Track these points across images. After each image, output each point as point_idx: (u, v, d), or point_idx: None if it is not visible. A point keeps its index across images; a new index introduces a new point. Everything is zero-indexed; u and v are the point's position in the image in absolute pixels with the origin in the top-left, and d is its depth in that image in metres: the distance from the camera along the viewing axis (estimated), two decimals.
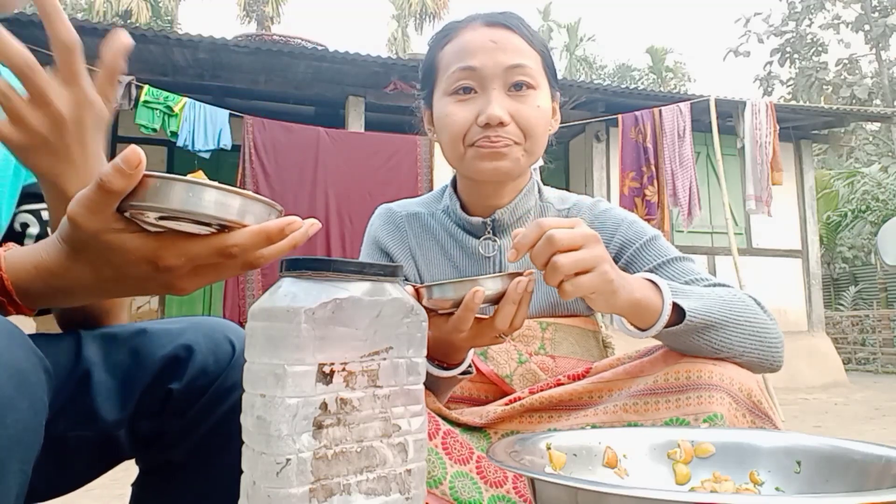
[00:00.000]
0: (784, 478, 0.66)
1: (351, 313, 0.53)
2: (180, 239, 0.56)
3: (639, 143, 5.98)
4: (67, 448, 0.72)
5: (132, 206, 0.54)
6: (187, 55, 6.16)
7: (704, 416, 0.78)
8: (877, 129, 18.00)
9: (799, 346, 7.72)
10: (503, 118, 0.96)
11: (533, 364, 1.02)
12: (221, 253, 0.56)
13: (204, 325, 0.80)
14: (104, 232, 0.54)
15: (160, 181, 0.53)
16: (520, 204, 1.08)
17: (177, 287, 0.58)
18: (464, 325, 0.79)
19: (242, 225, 0.56)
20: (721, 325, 0.84)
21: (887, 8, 17.84)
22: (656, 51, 29.02)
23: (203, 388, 0.75)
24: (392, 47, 26.07)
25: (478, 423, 0.92)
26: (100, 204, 0.53)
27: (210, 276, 0.59)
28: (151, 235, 0.56)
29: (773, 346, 0.88)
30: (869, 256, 13.92)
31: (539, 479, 0.57)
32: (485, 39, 0.99)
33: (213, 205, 0.53)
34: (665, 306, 0.81)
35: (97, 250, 0.56)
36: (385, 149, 5.73)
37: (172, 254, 0.55)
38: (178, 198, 0.53)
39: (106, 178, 0.51)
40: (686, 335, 0.83)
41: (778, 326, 0.90)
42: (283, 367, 0.50)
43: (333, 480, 0.51)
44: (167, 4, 21.15)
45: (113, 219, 0.54)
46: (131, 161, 0.51)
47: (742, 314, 0.87)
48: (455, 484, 0.82)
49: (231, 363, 0.77)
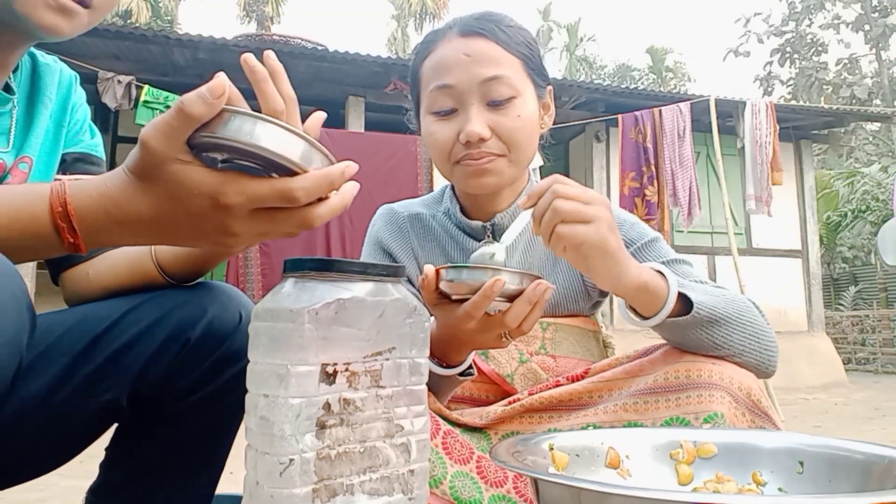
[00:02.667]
0: (787, 478, 0.66)
1: (354, 314, 0.53)
2: (243, 177, 0.55)
3: (639, 143, 5.98)
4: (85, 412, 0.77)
5: (203, 136, 0.53)
6: (187, 55, 6.16)
7: (705, 416, 0.78)
8: (877, 129, 18.01)
9: (799, 346, 7.72)
10: (483, 134, 0.95)
11: (534, 364, 1.02)
12: (284, 196, 0.55)
13: (215, 291, 0.83)
14: (172, 161, 0.54)
15: (234, 115, 0.52)
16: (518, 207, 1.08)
17: (230, 230, 0.57)
18: (477, 312, 0.78)
19: (306, 171, 0.55)
20: (724, 322, 0.85)
21: (887, 8, 17.85)
22: (656, 51, 29.03)
23: (211, 349, 0.79)
24: (392, 47, 26.08)
25: (478, 423, 0.92)
26: (175, 129, 0.53)
27: (265, 225, 0.57)
28: (215, 171, 0.55)
29: (770, 349, 0.89)
30: (869, 256, 13.93)
31: (542, 479, 0.57)
32: (458, 54, 0.98)
33: (281, 145, 0.52)
34: (671, 294, 0.82)
35: (162, 180, 0.55)
36: (385, 149, 5.73)
37: (234, 190, 0.54)
38: (246, 133, 0.52)
39: (187, 102, 0.52)
40: (690, 328, 0.84)
41: (774, 333, 0.91)
42: (286, 368, 0.50)
43: (336, 481, 0.51)
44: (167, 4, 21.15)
45: (182, 149, 0.54)
46: (215, 90, 0.52)
47: (744, 314, 0.88)
48: (455, 483, 0.82)
49: (238, 328, 0.81)
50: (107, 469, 0.88)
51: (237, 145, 0.52)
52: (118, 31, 5.91)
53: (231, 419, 0.86)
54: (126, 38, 5.89)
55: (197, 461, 0.87)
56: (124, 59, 6.05)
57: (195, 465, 0.87)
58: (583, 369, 0.95)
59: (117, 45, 5.95)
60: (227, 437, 0.88)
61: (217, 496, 1.02)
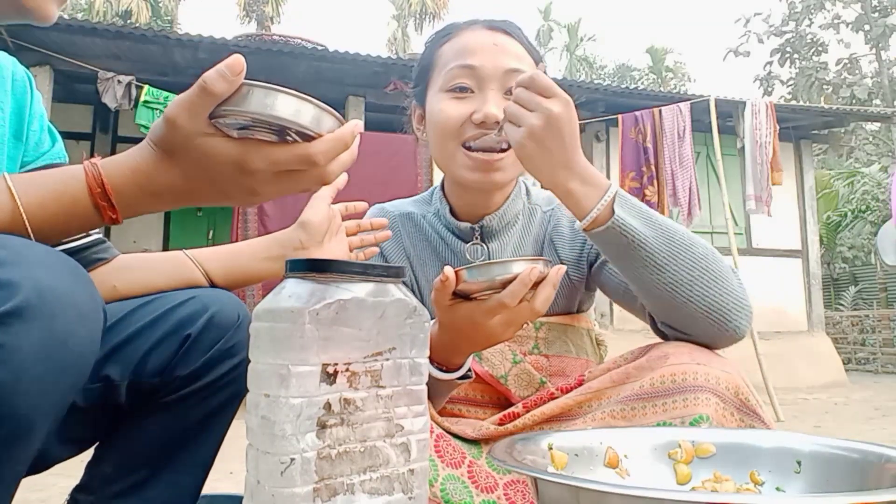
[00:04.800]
0: (784, 478, 0.66)
1: (354, 314, 0.53)
2: (265, 145, 0.60)
3: (639, 143, 5.98)
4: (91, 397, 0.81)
5: (225, 110, 0.58)
6: (187, 55, 6.16)
7: (691, 419, 0.78)
8: (877, 129, 18.00)
9: (799, 346, 7.72)
10: (499, 117, 0.95)
11: (527, 364, 1.03)
12: (305, 160, 0.60)
13: (216, 293, 0.90)
14: (197, 135, 0.59)
15: (253, 88, 0.57)
16: (508, 209, 1.07)
17: (256, 191, 0.62)
18: (513, 301, 0.80)
19: (320, 135, 0.60)
20: (663, 255, 0.82)
21: (887, 8, 17.84)
22: (656, 51, 29.03)
23: (211, 343, 0.84)
24: (392, 47, 26.07)
25: (470, 435, 0.92)
26: (199, 106, 0.58)
27: (287, 184, 0.63)
28: (238, 140, 0.60)
29: (731, 309, 0.83)
30: (869, 256, 13.93)
31: (542, 478, 0.57)
32: (487, 40, 1.00)
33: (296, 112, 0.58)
34: (603, 199, 0.84)
35: (189, 153, 0.60)
36: (385, 149, 5.72)
37: (259, 157, 0.60)
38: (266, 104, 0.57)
39: (209, 80, 0.56)
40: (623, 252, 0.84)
41: (745, 295, 0.86)
42: (287, 368, 0.50)
43: (337, 480, 0.51)
44: (167, 4, 21.16)
45: (206, 123, 0.59)
46: (234, 67, 0.56)
47: (696, 259, 0.83)
48: (446, 486, 0.82)
49: (236, 325, 0.86)
50: (94, 465, 0.89)
51: (258, 116, 0.57)
52: (118, 31, 5.91)
53: (222, 414, 0.88)
54: (126, 38, 5.90)
55: (186, 455, 0.88)
56: (124, 59, 6.05)
57: (184, 460, 0.88)
58: (576, 380, 0.94)
59: (117, 45, 5.95)
60: (216, 431, 0.90)
61: (217, 496, 1.02)
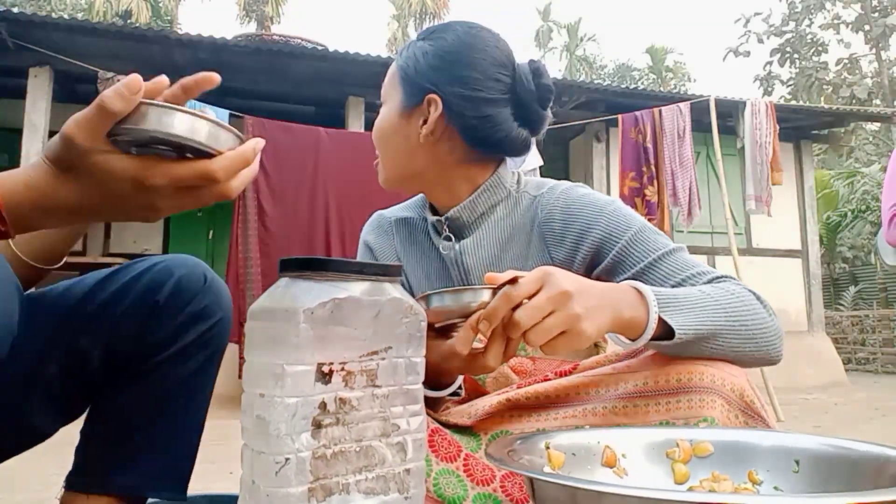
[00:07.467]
0: (783, 477, 0.66)
1: (350, 313, 0.53)
2: (164, 162, 0.60)
3: (639, 143, 5.98)
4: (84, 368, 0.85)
5: (123, 129, 0.57)
6: (187, 55, 6.16)
7: (695, 422, 0.77)
8: (877, 129, 18.00)
9: (799, 346, 7.71)
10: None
11: (506, 368, 1.02)
12: (205, 177, 0.60)
13: (181, 258, 0.91)
14: (94, 152, 0.58)
15: (150, 107, 0.57)
16: (478, 201, 1.05)
17: (156, 207, 0.62)
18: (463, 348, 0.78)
19: (219, 151, 0.60)
20: (715, 335, 0.82)
21: (887, 8, 17.84)
22: (656, 51, 29.04)
23: (180, 307, 0.86)
24: (392, 47, 26.08)
25: (466, 422, 0.91)
26: (96, 124, 0.57)
27: (189, 200, 0.62)
28: (137, 157, 0.59)
29: (772, 343, 0.87)
30: (869, 256, 13.91)
31: (538, 478, 0.57)
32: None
33: (192, 130, 0.58)
34: (650, 322, 0.79)
35: (85, 170, 0.59)
36: None
37: (158, 173, 0.59)
38: (162, 123, 0.57)
39: (108, 99, 0.56)
40: (678, 349, 0.82)
41: (776, 320, 0.88)
42: (282, 367, 0.50)
43: (332, 480, 0.51)
44: (167, 4, 21.17)
45: (103, 141, 0.58)
46: (132, 86, 0.56)
47: (738, 318, 0.84)
48: (439, 481, 0.82)
49: (203, 288, 0.88)
50: (83, 446, 0.90)
51: (155, 134, 0.57)
52: (118, 31, 5.91)
53: (202, 377, 0.91)
54: (126, 38, 5.90)
55: (172, 423, 0.90)
56: (124, 59, 6.04)
57: (171, 427, 0.90)
58: (571, 365, 0.93)
59: (117, 45, 5.95)
60: (198, 395, 0.92)
61: (217, 496, 1.02)
